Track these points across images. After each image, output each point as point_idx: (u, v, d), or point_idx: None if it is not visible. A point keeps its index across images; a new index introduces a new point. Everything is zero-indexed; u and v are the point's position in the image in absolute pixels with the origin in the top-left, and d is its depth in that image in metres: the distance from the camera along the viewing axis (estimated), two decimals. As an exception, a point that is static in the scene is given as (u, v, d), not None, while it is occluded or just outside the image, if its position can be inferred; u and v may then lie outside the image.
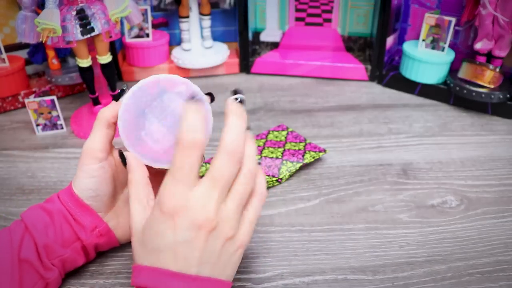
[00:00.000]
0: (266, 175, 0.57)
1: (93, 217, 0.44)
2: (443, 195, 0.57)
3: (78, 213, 0.43)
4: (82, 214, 0.43)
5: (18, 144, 0.69)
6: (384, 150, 0.66)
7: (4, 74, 0.74)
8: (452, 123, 0.73)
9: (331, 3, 0.90)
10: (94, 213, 0.44)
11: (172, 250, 0.35)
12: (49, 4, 0.59)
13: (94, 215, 0.44)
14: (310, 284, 0.45)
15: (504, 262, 0.47)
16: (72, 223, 0.43)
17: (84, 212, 0.44)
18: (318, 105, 0.79)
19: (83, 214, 0.43)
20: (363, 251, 0.48)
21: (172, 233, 0.34)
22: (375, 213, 0.54)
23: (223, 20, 0.93)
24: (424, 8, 0.83)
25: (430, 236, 0.50)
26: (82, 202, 0.43)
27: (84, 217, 0.43)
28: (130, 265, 0.47)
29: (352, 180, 0.60)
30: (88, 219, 0.44)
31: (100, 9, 0.62)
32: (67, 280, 0.45)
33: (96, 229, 0.44)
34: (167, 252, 0.35)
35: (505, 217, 0.53)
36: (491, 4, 0.69)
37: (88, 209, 0.44)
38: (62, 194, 0.44)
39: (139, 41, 0.86)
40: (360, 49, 0.93)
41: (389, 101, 0.80)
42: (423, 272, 0.46)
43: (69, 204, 0.43)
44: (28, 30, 0.63)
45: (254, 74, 0.91)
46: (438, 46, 0.78)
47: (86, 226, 0.43)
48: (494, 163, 0.63)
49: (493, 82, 0.72)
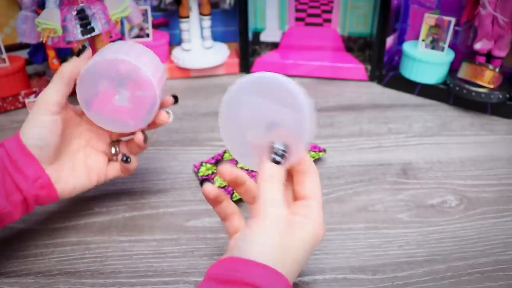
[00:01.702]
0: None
1: (36, 167, 0.44)
2: (442, 195, 0.57)
3: (22, 161, 0.43)
4: (25, 163, 0.43)
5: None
6: (384, 150, 0.66)
7: (5, 74, 0.74)
8: (452, 123, 0.73)
9: (331, 3, 0.90)
10: (37, 163, 0.44)
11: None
12: (50, 4, 0.59)
13: (38, 165, 0.44)
14: (310, 284, 0.45)
15: (504, 261, 0.47)
16: (13, 173, 0.43)
17: (28, 161, 0.44)
18: (318, 105, 0.79)
19: (26, 163, 0.44)
20: (363, 250, 0.49)
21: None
22: (375, 213, 0.54)
23: (223, 20, 0.93)
24: (424, 8, 0.83)
25: (429, 235, 0.50)
26: (27, 150, 0.44)
27: (28, 167, 0.44)
28: (130, 265, 0.47)
29: (352, 180, 0.60)
30: (31, 168, 0.44)
31: (100, 9, 0.62)
32: (67, 279, 0.45)
33: (38, 180, 0.44)
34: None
35: (504, 216, 0.53)
36: (491, 4, 0.70)
37: (32, 158, 0.44)
38: (7, 141, 0.44)
39: (139, 41, 0.86)
40: (360, 49, 0.93)
41: (389, 101, 0.80)
42: (423, 271, 0.46)
43: (13, 151, 0.43)
44: (28, 30, 0.63)
45: (254, 74, 0.91)
46: (437, 46, 0.78)
47: (28, 176, 0.43)
48: (494, 163, 0.63)
49: (492, 82, 0.72)
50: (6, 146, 0.44)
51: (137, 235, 0.51)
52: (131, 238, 0.51)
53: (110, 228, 0.52)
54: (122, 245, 0.50)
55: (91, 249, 0.49)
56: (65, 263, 0.47)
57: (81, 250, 0.49)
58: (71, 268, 0.47)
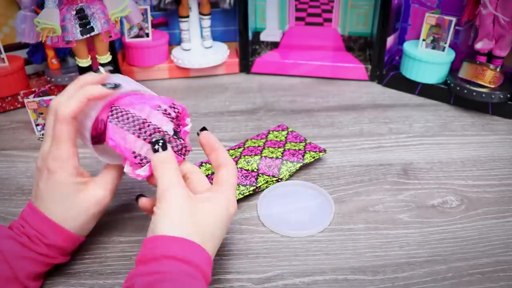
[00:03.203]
0: (266, 175, 0.57)
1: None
2: (443, 195, 0.56)
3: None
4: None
5: (17, 144, 0.68)
6: (385, 150, 0.66)
7: (4, 74, 0.74)
8: (453, 123, 0.72)
9: (331, 2, 0.90)
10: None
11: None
12: (49, 4, 0.59)
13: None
14: (310, 284, 0.44)
15: (505, 262, 0.47)
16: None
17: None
18: (318, 105, 0.79)
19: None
20: (363, 251, 0.48)
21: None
22: (375, 213, 0.54)
23: (223, 20, 0.92)
24: (425, 7, 0.83)
25: (430, 236, 0.50)
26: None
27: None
28: (130, 266, 0.47)
29: (352, 180, 0.59)
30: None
31: (99, 8, 0.62)
32: (67, 280, 0.45)
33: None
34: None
35: (505, 217, 0.53)
36: (492, 3, 0.69)
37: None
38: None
39: (138, 41, 0.86)
40: (360, 49, 0.93)
41: (389, 101, 0.80)
42: (424, 272, 0.46)
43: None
44: (27, 30, 0.63)
45: (254, 74, 0.91)
46: (438, 46, 0.78)
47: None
48: (495, 163, 0.63)
49: (493, 82, 0.72)
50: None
51: (136, 236, 0.51)
52: (130, 238, 0.50)
53: (109, 229, 0.52)
54: (122, 245, 0.49)
55: (90, 249, 0.49)
56: (65, 264, 0.47)
57: (81, 251, 0.49)
58: (71, 268, 0.46)
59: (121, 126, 0.42)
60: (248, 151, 0.61)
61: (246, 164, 0.58)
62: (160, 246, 0.37)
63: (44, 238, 0.42)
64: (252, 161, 0.58)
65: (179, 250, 0.37)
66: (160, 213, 0.39)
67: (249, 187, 0.55)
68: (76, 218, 0.43)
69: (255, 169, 0.58)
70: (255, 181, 0.56)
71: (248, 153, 0.60)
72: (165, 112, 0.43)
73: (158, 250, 0.37)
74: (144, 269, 0.36)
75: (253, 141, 0.64)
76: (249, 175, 0.57)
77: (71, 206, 0.43)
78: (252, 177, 0.56)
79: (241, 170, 0.57)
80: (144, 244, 0.38)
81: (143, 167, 0.43)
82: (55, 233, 0.43)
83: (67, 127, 0.41)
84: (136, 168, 0.43)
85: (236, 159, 0.59)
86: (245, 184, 0.56)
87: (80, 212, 0.43)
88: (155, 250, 0.37)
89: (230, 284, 0.45)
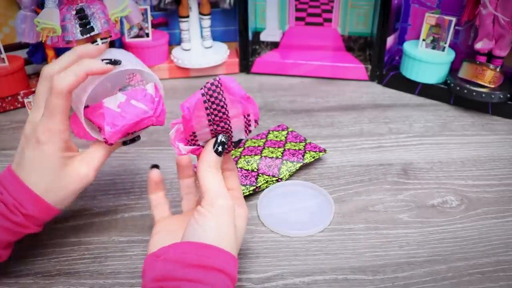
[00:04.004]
0: (266, 175, 0.57)
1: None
2: (443, 195, 0.56)
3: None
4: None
5: (17, 144, 0.68)
6: (385, 150, 0.66)
7: (4, 73, 0.74)
8: (453, 123, 0.72)
9: (331, 2, 0.90)
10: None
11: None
12: (49, 4, 0.59)
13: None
14: (310, 284, 0.44)
15: (505, 262, 0.47)
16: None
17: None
18: (318, 105, 0.79)
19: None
20: (363, 251, 0.48)
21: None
22: (375, 213, 0.54)
23: (223, 20, 0.92)
24: (425, 7, 0.83)
25: (430, 236, 0.50)
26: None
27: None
28: (130, 265, 0.47)
29: (352, 180, 0.59)
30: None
31: (99, 8, 0.62)
32: (66, 280, 0.45)
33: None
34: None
35: (505, 217, 0.53)
36: (492, 3, 0.69)
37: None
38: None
39: (138, 40, 0.86)
40: (360, 49, 0.93)
41: (389, 101, 0.80)
42: (424, 272, 0.46)
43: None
44: (27, 30, 0.63)
45: (254, 74, 0.91)
46: (438, 45, 0.78)
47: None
48: (495, 163, 0.63)
49: (493, 82, 0.72)
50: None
51: (136, 235, 0.51)
52: (130, 238, 0.50)
53: (109, 228, 0.52)
54: (122, 245, 0.49)
55: (90, 249, 0.49)
56: (65, 263, 0.47)
57: (81, 251, 0.49)
58: (71, 268, 0.47)
59: (206, 108, 0.39)
60: (248, 151, 0.61)
61: (246, 164, 0.58)
62: (212, 256, 0.37)
63: (22, 208, 0.41)
64: (252, 161, 0.58)
65: (226, 265, 0.37)
66: (212, 219, 0.38)
67: (249, 187, 0.55)
68: (57, 192, 0.43)
69: (255, 169, 0.58)
70: (255, 181, 0.56)
71: (248, 153, 0.60)
72: (247, 122, 0.42)
73: (210, 260, 0.36)
74: (192, 274, 0.36)
75: (253, 141, 0.64)
76: (249, 175, 0.57)
77: (54, 179, 0.42)
78: (252, 177, 0.56)
79: (241, 170, 0.57)
80: (190, 245, 0.38)
81: (186, 146, 0.42)
82: (34, 203, 0.41)
83: (62, 101, 0.40)
84: (180, 141, 0.42)
85: (236, 159, 0.59)
86: (245, 184, 0.56)
87: (62, 186, 0.43)
88: (207, 259, 0.37)
89: (230, 284, 0.45)
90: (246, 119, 0.41)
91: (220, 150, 0.41)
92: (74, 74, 0.40)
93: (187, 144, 0.42)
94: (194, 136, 0.41)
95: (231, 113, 0.40)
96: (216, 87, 0.39)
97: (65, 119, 0.41)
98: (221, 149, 0.41)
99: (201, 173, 0.40)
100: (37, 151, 0.41)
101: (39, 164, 0.42)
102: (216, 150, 0.41)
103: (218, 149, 0.41)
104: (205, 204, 0.39)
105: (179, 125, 0.41)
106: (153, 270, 0.37)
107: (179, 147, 0.42)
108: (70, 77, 0.40)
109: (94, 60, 0.41)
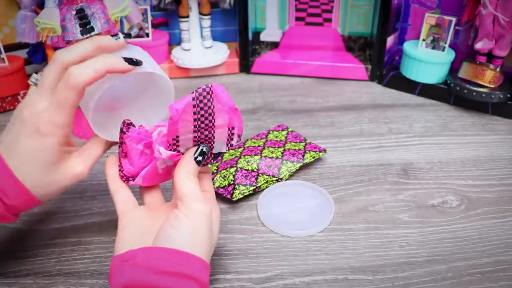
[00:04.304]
0: (266, 175, 0.57)
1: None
2: (443, 195, 0.57)
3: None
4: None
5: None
6: (385, 150, 0.66)
7: (4, 73, 0.74)
8: (453, 123, 0.72)
9: (331, 2, 0.90)
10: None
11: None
12: (49, 4, 0.58)
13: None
14: (310, 284, 0.44)
15: (505, 262, 0.47)
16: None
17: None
18: (318, 105, 0.79)
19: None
20: (363, 251, 0.48)
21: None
22: (375, 213, 0.54)
23: (223, 20, 0.92)
24: (425, 7, 0.83)
25: (430, 236, 0.50)
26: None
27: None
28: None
29: (352, 180, 0.59)
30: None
31: (99, 8, 0.62)
32: (66, 280, 0.45)
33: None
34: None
35: (505, 217, 0.53)
36: (492, 3, 0.69)
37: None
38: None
39: (138, 40, 0.86)
40: (360, 49, 0.93)
41: (389, 101, 0.80)
42: (424, 272, 0.46)
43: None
44: (27, 30, 0.63)
45: (254, 74, 0.91)
46: (438, 45, 0.78)
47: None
48: (495, 163, 0.63)
49: (493, 82, 0.72)
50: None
51: (136, 236, 0.51)
52: (130, 238, 0.50)
53: (109, 228, 0.52)
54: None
55: (90, 249, 0.49)
56: (65, 263, 0.47)
57: (81, 251, 0.49)
58: (71, 268, 0.47)
59: (194, 113, 0.39)
60: (248, 151, 0.61)
61: (246, 164, 0.58)
62: (185, 263, 0.36)
63: (5, 197, 0.39)
64: (252, 161, 0.58)
65: (199, 272, 0.37)
66: (188, 224, 0.38)
67: (249, 187, 0.55)
68: (47, 186, 0.41)
69: (255, 169, 0.58)
70: (255, 181, 0.56)
71: (248, 153, 0.60)
72: (230, 135, 0.42)
73: (182, 267, 0.36)
74: (163, 281, 0.35)
75: (253, 141, 0.64)
76: (249, 175, 0.57)
77: (48, 173, 0.40)
78: (252, 177, 0.56)
79: (241, 170, 0.57)
80: (161, 251, 0.37)
81: (166, 151, 0.41)
82: (18, 194, 0.40)
83: (74, 95, 0.38)
84: (161, 144, 0.41)
85: (236, 159, 0.59)
86: (245, 184, 0.56)
87: (54, 181, 0.41)
88: (179, 266, 0.36)
89: (230, 284, 0.45)
90: (230, 131, 0.42)
91: (199, 160, 0.41)
92: (94, 69, 0.37)
93: (167, 148, 0.41)
94: (176, 141, 0.40)
95: (217, 122, 0.41)
96: (207, 93, 0.39)
97: (73, 114, 0.40)
98: (201, 159, 0.41)
99: (179, 178, 0.40)
100: (35, 141, 0.39)
101: (34, 156, 0.39)
102: (196, 158, 0.41)
103: (198, 158, 0.41)
104: (182, 208, 0.38)
105: (162, 128, 0.41)
106: (121, 276, 0.36)
107: (159, 150, 0.41)
108: (89, 72, 0.37)
109: (116, 57, 0.39)
